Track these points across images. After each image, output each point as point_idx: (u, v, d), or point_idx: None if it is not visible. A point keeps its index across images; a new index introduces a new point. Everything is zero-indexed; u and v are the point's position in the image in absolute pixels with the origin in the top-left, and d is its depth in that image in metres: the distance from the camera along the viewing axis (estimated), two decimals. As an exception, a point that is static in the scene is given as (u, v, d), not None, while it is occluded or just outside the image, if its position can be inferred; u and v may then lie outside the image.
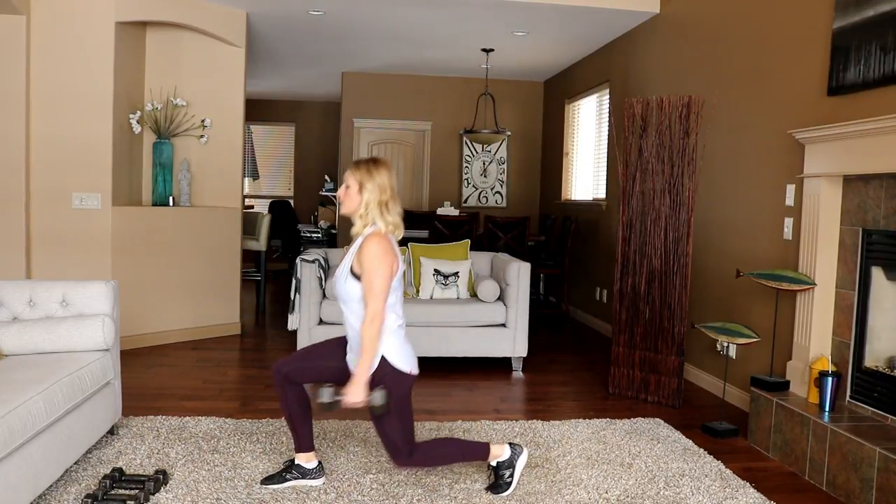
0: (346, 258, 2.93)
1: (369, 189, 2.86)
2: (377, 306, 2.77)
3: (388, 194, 2.88)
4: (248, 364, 5.35)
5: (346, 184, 2.91)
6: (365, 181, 2.86)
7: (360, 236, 2.89)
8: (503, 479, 3.06)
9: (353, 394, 2.76)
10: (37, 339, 3.24)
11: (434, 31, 6.71)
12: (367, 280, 2.78)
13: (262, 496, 2.96)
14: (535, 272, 6.03)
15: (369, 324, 2.77)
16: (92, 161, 5.26)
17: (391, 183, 2.89)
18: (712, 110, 4.69)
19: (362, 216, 2.88)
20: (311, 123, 11.40)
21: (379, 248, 2.80)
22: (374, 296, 2.77)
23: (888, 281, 3.48)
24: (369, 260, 2.78)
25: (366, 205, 2.87)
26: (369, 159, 2.92)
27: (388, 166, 2.92)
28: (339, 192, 2.95)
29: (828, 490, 3.28)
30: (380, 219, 2.87)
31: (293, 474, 3.07)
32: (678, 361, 4.49)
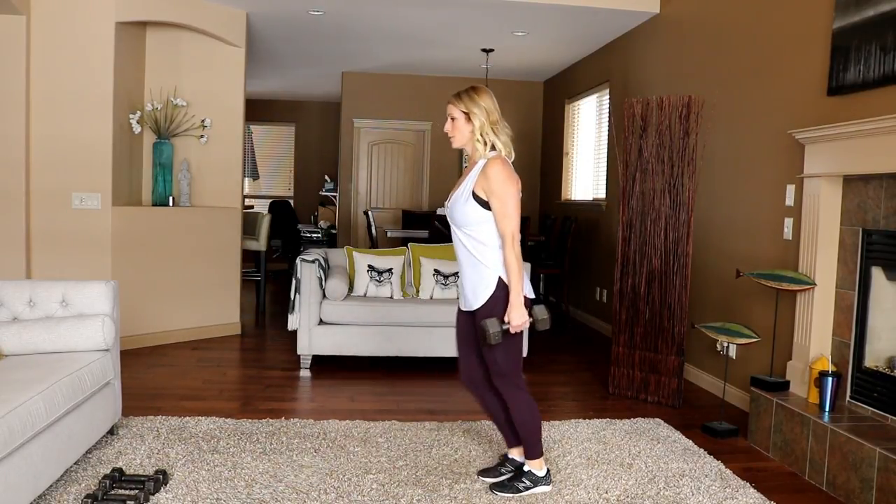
0: (465, 181, 2.96)
1: (477, 113, 2.90)
2: (514, 227, 2.84)
3: (496, 115, 2.93)
4: (248, 364, 5.35)
5: (450, 116, 2.95)
6: (471, 107, 2.91)
7: (481, 160, 2.91)
8: (518, 485, 3.06)
9: (515, 317, 2.84)
10: (37, 339, 3.24)
11: (434, 31, 6.71)
12: (500, 203, 2.83)
13: (262, 496, 2.96)
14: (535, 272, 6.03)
15: (510, 246, 2.83)
16: (92, 161, 5.26)
17: (496, 105, 2.94)
18: (712, 110, 4.69)
19: (479, 139, 2.92)
20: (311, 123, 11.41)
21: (504, 171, 2.85)
22: (508, 217, 2.83)
23: (888, 281, 3.48)
24: (499, 184, 2.83)
25: (480, 129, 2.91)
26: (469, 88, 2.97)
27: (488, 91, 2.97)
28: (446, 126, 2.98)
29: (828, 490, 3.28)
30: (497, 139, 2.92)
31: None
32: (678, 361, 4.49)
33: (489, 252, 2.90)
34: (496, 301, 2.89)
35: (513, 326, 2.86)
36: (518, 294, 2.85)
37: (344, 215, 9.44)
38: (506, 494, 3.04)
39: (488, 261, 2.90)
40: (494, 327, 2.83)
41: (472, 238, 2.92)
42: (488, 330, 2.83)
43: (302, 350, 5.04)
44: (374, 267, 5.27)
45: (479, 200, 2.87)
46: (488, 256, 2.90)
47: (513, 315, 2.84)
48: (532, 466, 3.09)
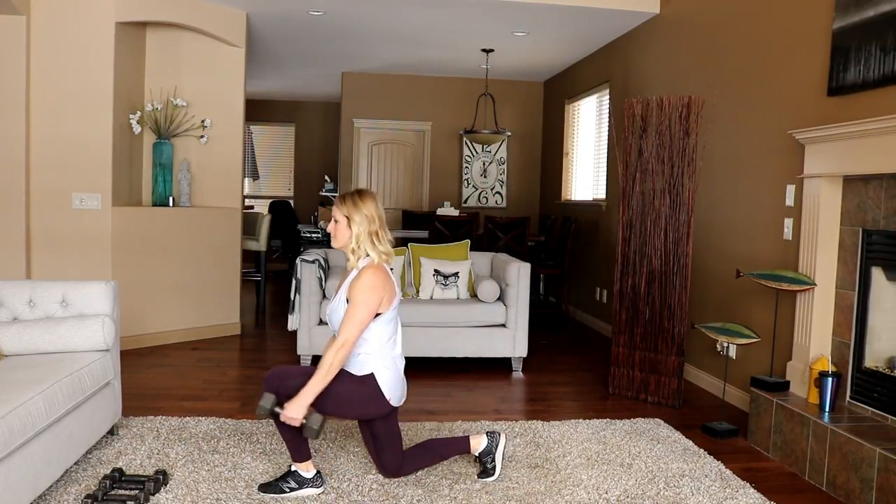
0: (342, 289, 3.00)
1: (357, 221, 2.91)
2: (351, 334, 2.83)
3: (378, 224, 2.93)
4: (248, 364, 5.35)
5: (334, 218, 2.97)
6: (352, 214, 2.92)
7: (355, 269, 2.96)
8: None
9: (291, 409, 2.80)
10: (37, 339, 3.24)
11: (434, 31, 6.71)
12: (352, 307, 2.85)
13: (262, 496, 2.96)
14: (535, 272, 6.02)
15: (336, 350, 2.82)
16: (92, 161, 5.26)
17: (379, 212, 2.95)
18: (712, 110, 4.69)
19: (354, 250, 2.95)
20: (311, 123, 11.40)
21: (372, 280, 2.86)
22: (352, 324, 2.83)
23: (888, 281, 3.48)
24: (359, 290, 2.85)
25: (356, 238, 2.93)
26: (354, 191, 2.98)
27: (373, 196, 2.97)
28: (329, 226, 3.01)
29: (828, 490, 3.28)
30: (372, 250, 2.93)
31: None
32: (678, 362, 4.49)
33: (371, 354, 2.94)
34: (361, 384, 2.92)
35: (284, 415, 2.80)
36: (309, 394, 2.80)
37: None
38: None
39: (368, 361, 2.94)
40: (268, 404, 2.80)
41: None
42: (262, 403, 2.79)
43: (302, 350, 5.04)
44: (374, 267, 5.26)
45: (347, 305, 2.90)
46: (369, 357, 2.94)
47: (291, 406, 2.80)
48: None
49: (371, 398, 2.94)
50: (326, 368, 2.82)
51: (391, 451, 3.10)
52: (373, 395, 2.94)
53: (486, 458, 3.20)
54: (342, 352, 2.83)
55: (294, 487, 3.00)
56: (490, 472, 3.20)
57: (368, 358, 2.96)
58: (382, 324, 2.95)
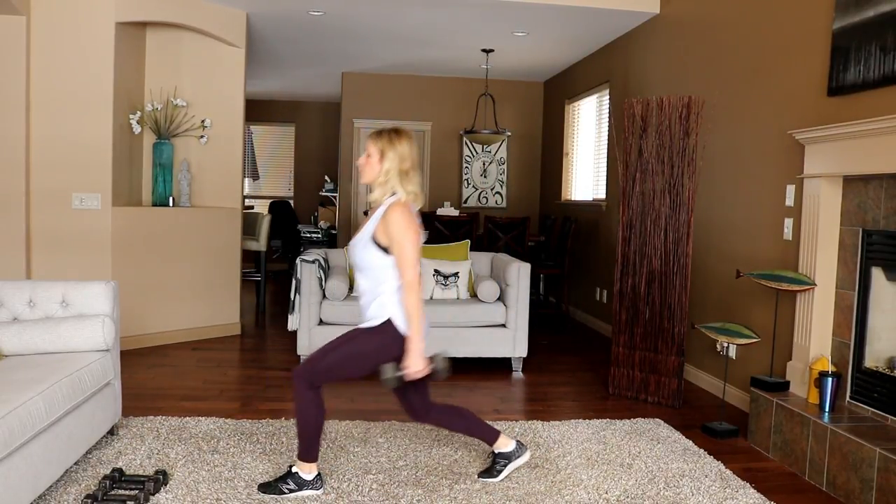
0: (366, 225, 2.96)
1: (390, 158, 2.90)
2: (412, 274, 2.84)
3: (409, 164, 2.92)
4: (248, 364, 5.35)
5: (367, 152, 2.95)
6: (386, 150, 2.90)
7: (381, 205, 2.92)
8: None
9: (413, 364, 2.85)
10: (37, 339, 3.24)
11: (434, 31, 6.71)
12: (398, 250, 2.84)
13: (262, 496, 2.96)
14: (535, 272, 6.02)
15: (408, 292, 2.84)
16: (92, 161, 5.26)
17: (412, 153, 2.94)
18: (712, 110, 4.69)
19: (382, 184, 2.92)
20: (311, 123, 11.40)
21: (403, 217, 2.85)
22: (407, 264, 2.84)
23: (888, 281, 3.48)
24: (397, 230, 2.83)
25: (386, 173, 2.90)
26: (391, 129, 2.96)
27: (409, 136, 2.96)
28: (360, 160, 2.98)
29: (828, 490, 3.28)
30: (399, 187, 2.91)
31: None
32: (678, 362, 4.49)
33: (386, 295, 2.91)
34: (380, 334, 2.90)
35: (409, 373, 2.85)
36: (417, 341, 2.84)
37: (344, 216, 9.44)
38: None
39: (385, 302, 2.91)
40: (390, 372, 2.84)
41: (371, 280, 2.92)
42: (385, 375, 2.84)
43: (302, 350, 5.04)
44: (374, 267, 5.26)
45: (378, 245, 2.87)
46: (385, 298, 2.91)
47: (411, 361, 2.84)
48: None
49: (393, 341, 2.90)
50: (415, 314, 2.84)
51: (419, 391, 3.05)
52: (394, 338, 2.90)
53: (501, 461, 3.18)
54: (414, 291, 2.84)
55: (293, 489, 2.99)
56: (494, 475, 3.18)
57: (385, 299, 2.90)
58: None
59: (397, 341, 2.89)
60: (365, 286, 2.94)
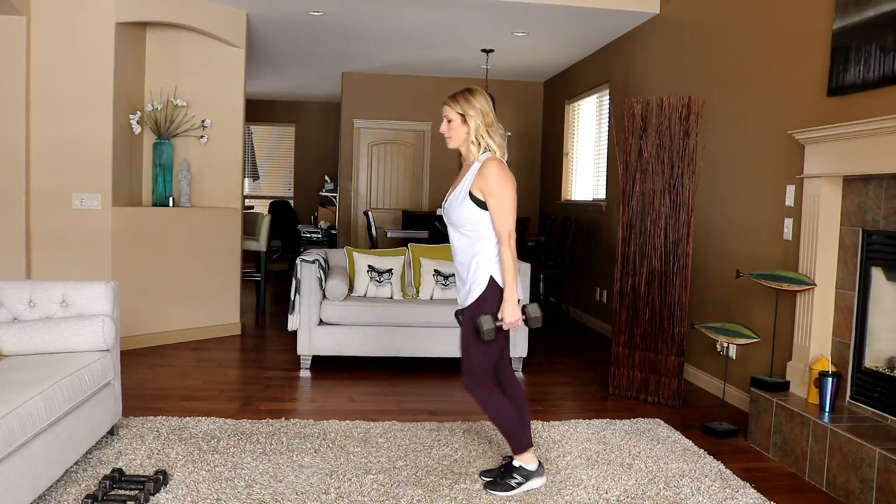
0: (462, 182, 3.00)
1: (472, 115, 2.95)
2: (510, 226, 2.90)
3: (491, 117, 2.97)
4: (248, 364, 5.35)
5: (446, 118, 2.99)
6: (467, 109, 2.95)
7: (476, 161, 2.96)
8: (510, 482, 3.06)
9: (508, 314, 2.89)
10: (37, 339, 3.24)
11: (434, 31, 6.71)
12: (497, 202, 2.88)
13: (262, 497, 2.96)
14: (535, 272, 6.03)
15: (506, 244, 2.88)
16: (92, 161, 5.26)
17: (490, 107, 2.99)
18: (712, 110, 4.69)
19: (474, 142, 2.96)
20: (311, 123, 11.41)
21: (501, 171, 2.90)
22: (505, 217, 2.89)
23: (888, 281, 3.48)
24: (496, 184, 2.88)
25: (475, 131, 2.95)
26: (464, 89, 3.01)
27: (483, 92, 3.01)
28: (442, 127, 3.02)
29: (828, 490, 3.28)
30: (491, 141, 2.96)
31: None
32: (678, 362, 4.49)
33: (484, 251, 2.94)
34: (486, 299, 2.93)
35: (506, 323, 2.90)
36: (512, 291, 2.89)
37: (344, 216, 9.44)
38: (501, 493, 3.04)
39: (483, 259, 2.94)
40: (488, 324, 2.87)
41: (468, 237, 2.96)
42: (482, 326, 2.87)
43: (302, 350, 5.04)
44: (374, 267, 5.27)
45: (475, 201, 2.92)
46: (483, 255, 2.94)
47: (506, 312, 2.90)
48: (522, 461, 3.10)
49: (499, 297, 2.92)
50: (511, 263, 2.87)
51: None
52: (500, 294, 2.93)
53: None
54: (511, 245, 2.88)
55: (521, 482, 3.04)
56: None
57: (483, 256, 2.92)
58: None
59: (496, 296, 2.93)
60: (461, 242, 2.99)
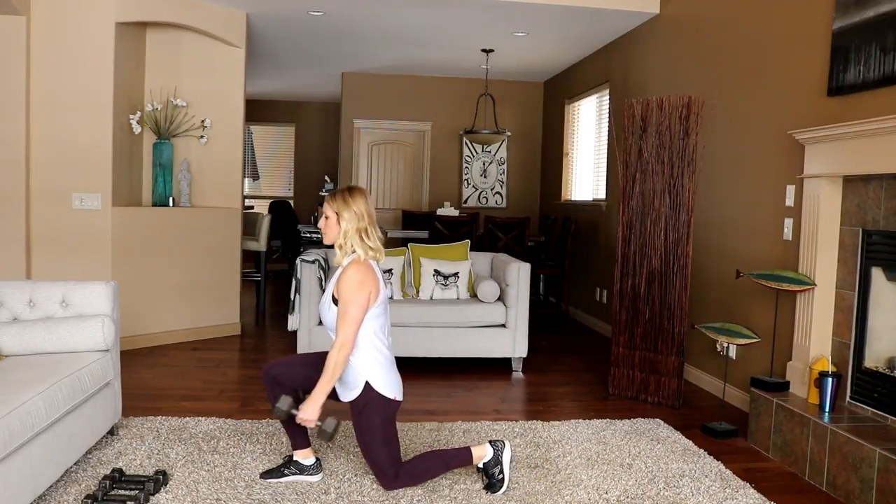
0: (329, 286, 3.02)
1: (347, 218, 2.94)
2: (347, 334, 2.86)
3: (367, 221, 2.95)
4: (248, 364, 5.34)
5: (324, 215, 2.99)
6: (342, 210, 2.95)
7: (341, 266, 2.97)
8: (495, 478, 3.07)
9: (307, 411, 2.88)
10: (37, 339, 3.24)
11: (434, 31, 6.71)
12: (342, 307, 2.87)
13: (262, 497, 2.96)
14: (534, 272, 6.02)
15: (337, 350, 2.86)
16: (92, 161, 5.26)
17: (368, 209, 2.96)
18: (712, 110, 4.69)
19: (341, 245, 2.96)
20: (311, 123, 11.40)
21: (357, 276, 2.88)
22: (346, 323, 2.86)
23: (888, 281, 3.48)
24: (346, 288, 2.87)
25: (344, 233, 2.95)
26: (345, 188, 3.01)
27: (364, 193, 2.99)
28: (320, 223, 3.03)
29: (828, 491, 3.28)
30: (359, 246, 2.94)
31: (291, 470, 3.13)
32: (678, 362, 4.49)
33: (359, 355, 2.93)
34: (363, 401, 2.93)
35: (300, 417, 2.89)
36: (320, 393, 2.87)
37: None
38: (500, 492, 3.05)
39: (358, 363, 2.94)
40: (285, 405, 2.88)
41: None
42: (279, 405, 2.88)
43: (302, 350, 5.04)
44: (374, 267, 5.26)
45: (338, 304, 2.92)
46: (358, 359, 2.94)
47: (306, 408, 2.88)
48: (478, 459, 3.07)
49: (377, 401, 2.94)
50: (332, 369, 2.86)
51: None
52: (377, 399, 2.95)
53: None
54: (343, 351, 2.86)
55: (500, 469, 3.06)
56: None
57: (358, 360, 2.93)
58: (370, 319, 2.95)
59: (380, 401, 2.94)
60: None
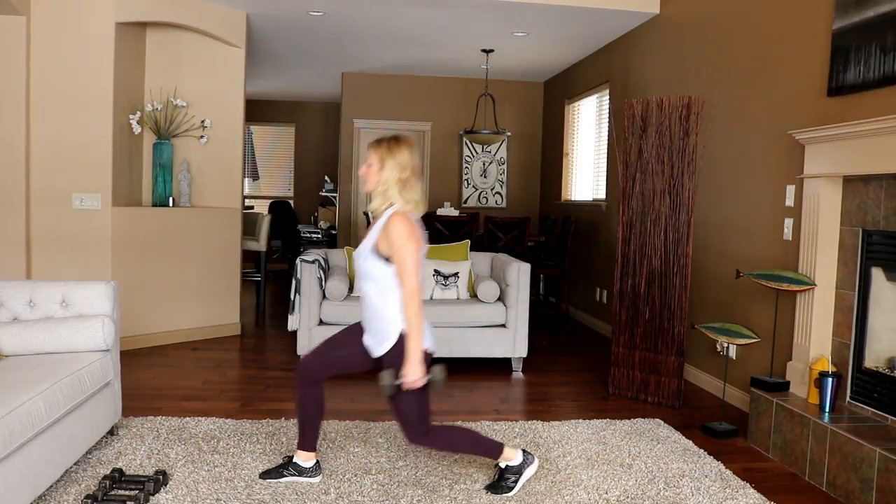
0: (369, 235, 2.95)
1: (389, 167, 2.88)
2: (413, 284, 2.83)
3: (409, 172, 2.89)
4: (248, 364, 5.35)
5: (368, 161, 2.94)
6: (386, 159, 2.88)
7: (383, 215, 2.91)
8: (506, 483, 3.06)
9: (410, 374, 2.81)
10: (37, 339, 3.24)
11: (434, 31, 6.71)
12: (399, 261, 2.83)
13: (262, 497, 2.96)
14: (534, 273, 6.02)
15: (409, 301, 2.82)
16: (92, 161, 5.26)
17: (412, 161, 2.91)
18: (712, 110, 4.69)
19: (381, 193, 2.91)
20: (311, 124, 11.40)
21: (404, 229, 2.83)
22: (407, 275, 2.82)
23: (888, 281, 3.48)
24: (398, 240, 2.82)
25: (385, 182, 2.89)
26: (391, 137, 2.95)
27: (410, 144, 2.94)
28: (362, 169, 2.97)
29: (828, 491, 3.28)
30: (398, 196, 2.89)
31: (290, 471, 3.13)
32: (678, 362, 4.49)
33: (392, 305, 2.89)
34: (397, 352, 2.88)
35: (406, 383, 2.82)
36: (415, 351, 2.81)
37: (344, 216, 9.44)
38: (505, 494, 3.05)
39: (391, 313, 2.89)
40: (388, 380, 2.83)
41: (375, 289, 2.91)
42: (383, 382, 2.83)
43: (302, 350, 5.04)
44: (374, 267, 5.26)
45: (380, 255, 2.87)
46: (391, 309, 2.90)
47: (408, 371, 2.81)
48: (505, 460, 3.07)
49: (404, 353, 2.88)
50: (414, 322, 2.82)
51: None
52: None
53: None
54: (414, 301, 2.82)
55: (517, 478, 3.05)
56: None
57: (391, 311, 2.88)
58: None
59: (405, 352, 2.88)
60: (368, 294, 2.94)
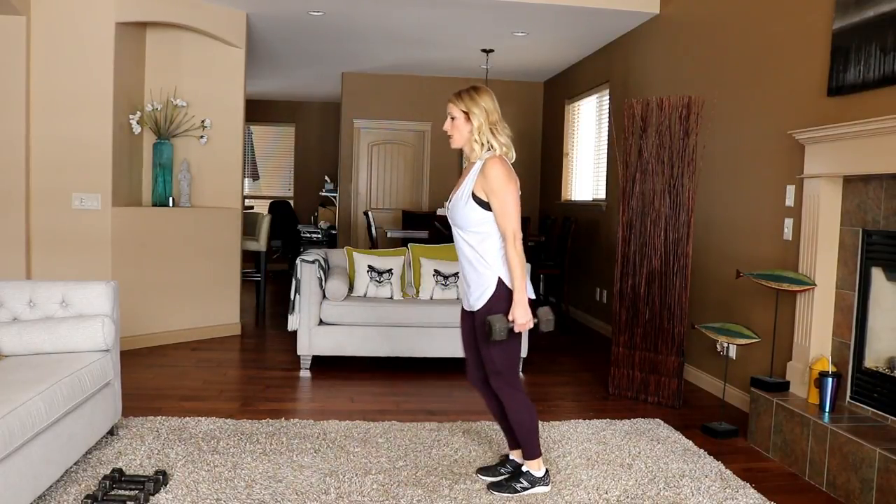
0: (465, 182, 2.96)
1: (476, 114, 2.90)
2: (515, 226, 2.85)
3: (496, 116, 2.92)
4: (248, 365, 5.34)
5: (450, 116, 2.95)
6: (471, 107, 2.91)
7: (479, 160, 2.92)
8: (517, 485, 3.07)
9: (519, 315, 2.85)
10: (37, 339, 3.24)
11: (434, 31, 6.71)
12: (500, 203, 2.84)
13: (262, 497, 2.96)
14: (534, 272, 6.02)
15: (512, 245, 2.84)
16: (92, 161, 5.26)
17: (496, 106, 2.94)
18: (712, 110, 4.69)
19: (477, 140, 2.92)
20: (311, 124, 11.41)
21: (502, 171, 2.85)
22: (508, 218, 2.84)
23: (888, 281, 3.48)
24: (498, 184, 2.83)
25: (478, 129, 2.91)
26: (469, 87, 2.98)
27: (489, 91, 2.97)
28: (446, 125, 2.99)
29: (828, 491, 3.28)
30: (494, 140, 2.91)
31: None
32: (678, 362, 4.49)
33: (490, 252, 2.90)
34: (497, 300, 2.90)
35: (517, 325, 2.86)
36: (522, 292, 2.86)
37: (344, 216, 9.44)
38: (503, 494, 3.04)
39: (489, 261, 2.90)
40: (500, 324, 2.84)
41: (472, 239, 2.92)
42: (494, 326, 2.83)
43: (302, 350, 5.04)
44: (374, 267, 5.27)
45: (478, 201, 2.88)
46: (489, 257, 2.91)
47: (517, 313, 2.86)
48: (530, 467, 3.10)
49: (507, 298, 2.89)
50: (517, 264, 2.84)
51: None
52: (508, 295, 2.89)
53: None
54: (518, 243, 2.84)
55: (527, 487, 3.05)
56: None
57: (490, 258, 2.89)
58: None
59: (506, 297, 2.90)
60: (466, 244, 2.94)
